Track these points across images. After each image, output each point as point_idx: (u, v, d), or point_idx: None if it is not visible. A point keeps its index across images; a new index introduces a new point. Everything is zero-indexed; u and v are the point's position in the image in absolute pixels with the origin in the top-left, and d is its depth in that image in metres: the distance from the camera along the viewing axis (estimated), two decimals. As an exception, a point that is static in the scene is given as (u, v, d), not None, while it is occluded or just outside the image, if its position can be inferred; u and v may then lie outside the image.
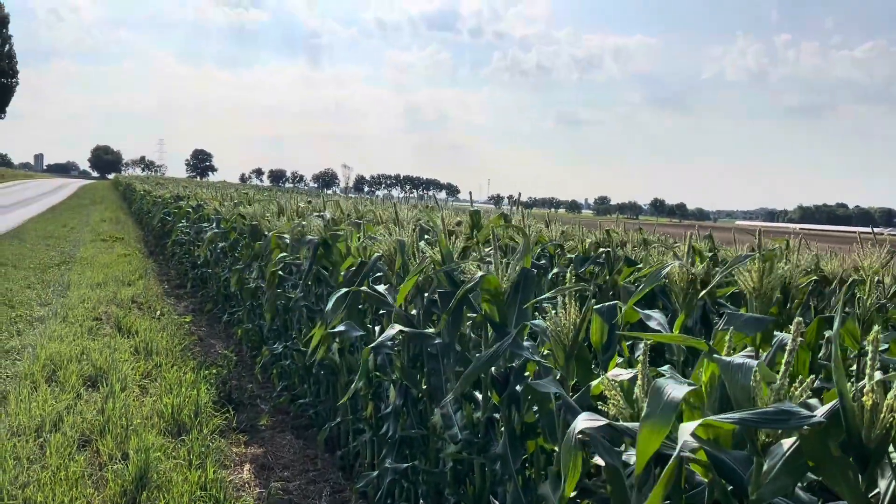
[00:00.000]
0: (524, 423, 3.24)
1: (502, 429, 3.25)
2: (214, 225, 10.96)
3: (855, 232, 4.81)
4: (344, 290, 4.29)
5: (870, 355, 1.69)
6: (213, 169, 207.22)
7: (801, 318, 1.81)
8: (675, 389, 1.86)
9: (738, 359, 1.89)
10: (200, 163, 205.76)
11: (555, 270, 5.95)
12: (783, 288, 3.97)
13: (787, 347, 1.79)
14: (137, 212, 31.24)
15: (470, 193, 5.33)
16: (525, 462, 3.28)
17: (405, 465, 4.08)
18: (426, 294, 4.13)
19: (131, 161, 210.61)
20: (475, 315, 3.40)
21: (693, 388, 1.90)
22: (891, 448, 1.74)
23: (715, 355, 1.99)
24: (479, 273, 3.12)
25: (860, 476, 1.68)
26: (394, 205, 4.83)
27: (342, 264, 5.14)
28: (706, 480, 2.14)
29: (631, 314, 3.57)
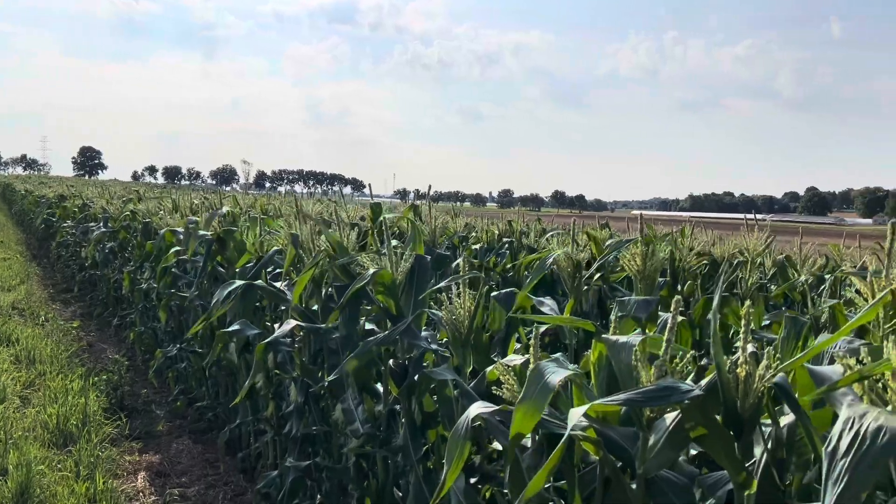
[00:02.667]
0: (424, 414, 3.23)
1: (403, 420, 3.23)
2: (102, 224, 10.41)
3: (742, 218, 5.09)
4: (237, 283, 4.15)
5: (743, 329, 1.77)
6: (102, 167, 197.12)
7: (679, 297, 1.87)
8: (554, 374, 1.89)
9: (622, 338, 1.94)
10: (89, 161, 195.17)
11: (459, 261, 5.99)
12: (674, 270, 4.14)
13: (668, 325, 1.85)
14: (18, 213, 29.31)
15: (369, 185, 5.28)
16: (427, 452, 3.27)
17: (306, 462, 4.00)
18: (324, 289, 4.06)
19: (11, 160, 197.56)
20: (373, 307, 3.36)
21: (574, 372, 1.93)
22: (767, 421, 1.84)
23: (603, 337, 2.03)
24: (372, 269, 3.09)
25: (736, 444, 1.76)
26: (295, 199, 4.71)
27: (238, 261, 4.98)
28: (598, 458, 2.20)
29: (525, 301, 3.63)
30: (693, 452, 2.72)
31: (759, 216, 4.93)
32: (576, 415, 1.79)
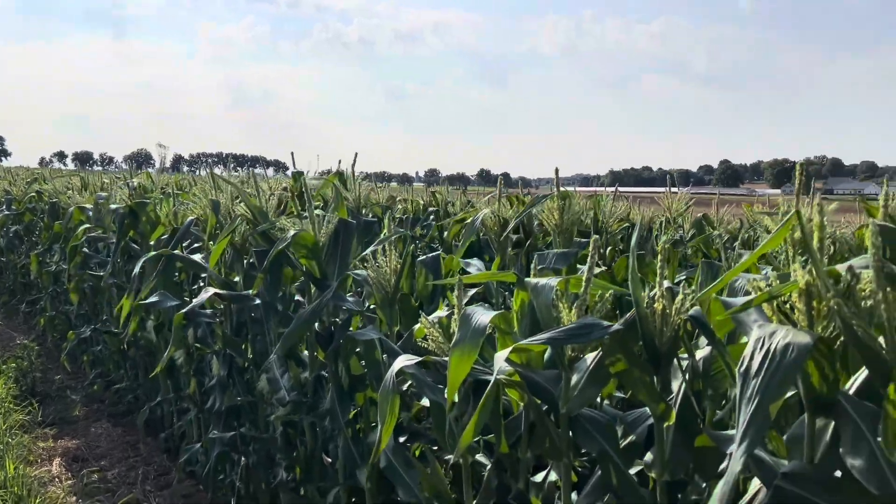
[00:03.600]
0: (352, 377, 3.19)
1: (330, 385, 3.19)
2: (5, 207, 9.84)
3: (660, 192, 5.25)
4: (154, 253, 3.99)
5: (659, 264, 1.80)
6: (6, 154, 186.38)
7: (597, 238, 1.90)
8: (483, 316, 1.90)
9: (542, 280, 1.95)
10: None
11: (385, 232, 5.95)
12: (597, 230, 4.21)
13: (587, 264, 1.87)
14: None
15: (292, 154, 5.16)
16: (356, 416, 3.24)
17: (231, 433, 3.91)
18: (246, 260, 3.95)
19: None
20: (296, 272, 3.28)
21: (500, 312, 1.94)
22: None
23: (525, 281, 2.04)
24: (293, 230, 3.01)
25: (655, 378, 1.80)
26: (210, 171, 4.54)
27: (152, 234, 4.79)
28: (522, 405, 2.21)
29: (453, 265, 3.63)
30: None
31: (673, 189, 5.12)
32: (501, 357, 1.79)
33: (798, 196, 1.92)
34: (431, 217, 6.72)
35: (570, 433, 1.96)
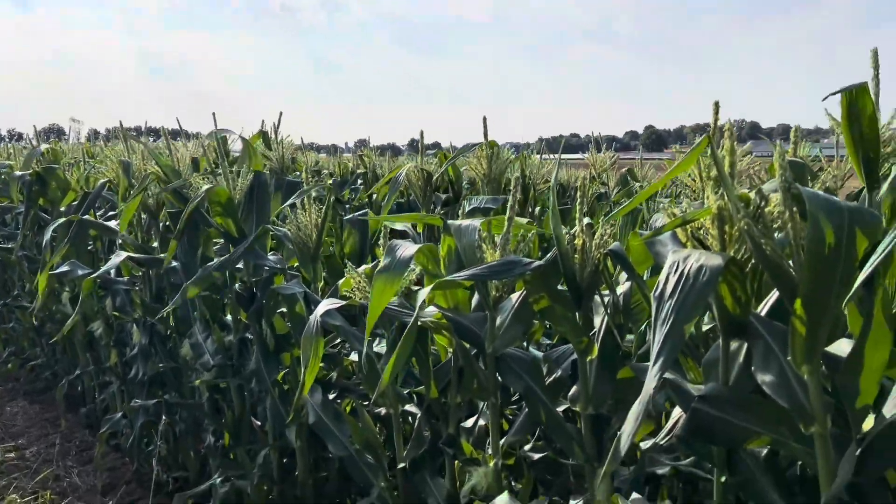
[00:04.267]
0: (277, 337, 3.13)
1: (255, 346, 3.12)
2: None
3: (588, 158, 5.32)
4: (64, 219, 3.79)
5: (578, 202, 1.81)
6: None
7: (518, 175, 1.89)
8: (409, 248, 1.88)
9: (465, 222, 1.94)
10: None
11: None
12: (525, 186, 4.23)
13: (508, 203, 1.86)
14: None
15: (213, 115, 4.96)
16: (284, 377, 3.19)
17: (154, 400, 3.79)
18: (162, 222, 3.81)
19: None
20: (211, 231, 3.17)
21: (426, 244, 1.92)
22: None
23: (448, 223, 2.02)
24: (205, 186, 2.90)
25: (577, 313, 1.82)
26: (123, 135, 4.33)
27: (62, 200, 4.55)
28: (451, 351, 2.21)
29: (379, 224, 3.58)
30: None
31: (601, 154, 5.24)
32: (424, 293, 1.78)
33: (714, 129, 1.96)
34: (360, 182, 6.63)
35: (497, 373, 1.97)
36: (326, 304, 2.08)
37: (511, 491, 1.93)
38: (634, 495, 1.56)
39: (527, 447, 2.46)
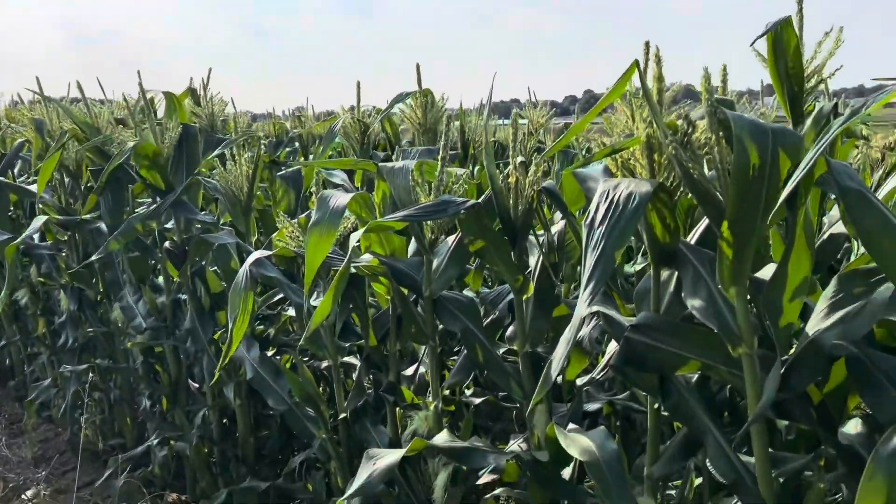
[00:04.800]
0: (212, 296, 3.06)
1: (189, 305, 3.04)
2: None
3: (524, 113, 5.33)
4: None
5: (511, 143, 1.80)
6: None
7: (457, 125, 1.86)
8: (342, 197, 1.84)
9: (398, 163, 1.91)
10: None
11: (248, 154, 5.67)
12: (464, 143, 4.20)
13: (440, 145, 1.83)
14: None
15: (138, 72, 4.74)
16: (221, 337, 3.12)
17: (85, 365, 3.68)
18: (84, 183, 3.65)
19: None
20: (136, 185, 3.06)
21: (358, 192, 1.88)
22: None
23: (380, 165, 1.98)
24: (131, 141, 2.79)
25: (512, 252, 1.82)
26: (39, 91, 4.09)
27: (-24, 164, 4.31)
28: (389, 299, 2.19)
29: (313, 174, 3.51)
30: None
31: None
32: (356, 237, 1.74)
33: (646, 62, 1.96)
34: (297, 143, 6.48)
35: (435, 316, 1.96)
36: (257, 254, 2.03)
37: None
38: (571, 425, 1.59)
39: (468, 392, 2.48)
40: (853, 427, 1.48)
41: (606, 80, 1.51)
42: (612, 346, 1.65)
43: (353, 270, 1.99)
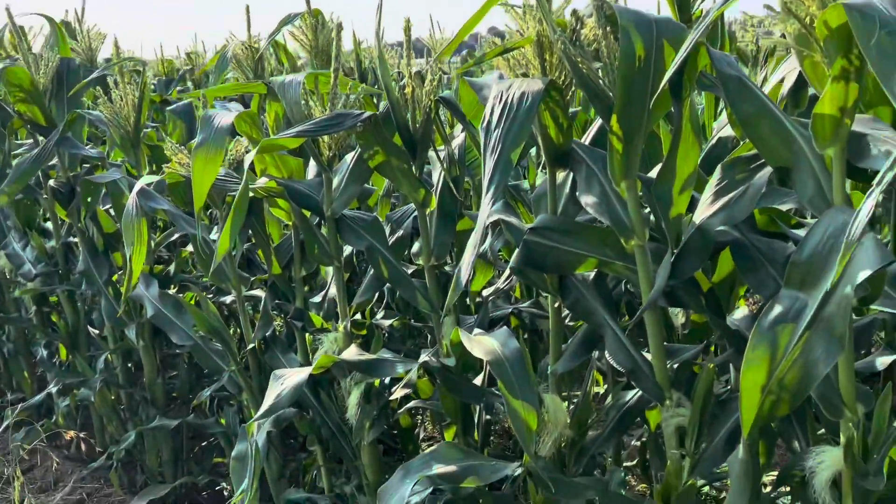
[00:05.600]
0: (105, 236, 2.92)
1: (81, 246, 2.89)
2: None
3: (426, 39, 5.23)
4: None
5: (405, 49, 1.76)
6: None
7: (357, 44, 1.80)
8: (225, 116, 1.77)
9: (288, 77, 1.84)
10: None
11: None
12: (361, 77, 4.09)
13: (332, 55, 1.77)
14: None
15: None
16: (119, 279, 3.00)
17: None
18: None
19: None
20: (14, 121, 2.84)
21: (244, 111, 1.81)
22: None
23: (271, 81, 1.91)
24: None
25: (413, 166, 1.80)
26: None
27: None
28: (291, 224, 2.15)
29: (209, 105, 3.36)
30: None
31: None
32: (249, 158, 1.68)
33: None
34: (189, 83, 6.17)
35: (338, 236, 1.94)
36: (144, 180, 1.93)
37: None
38: (477, 330, 1.61)
39: (378, 315, 2.49)
40: (740, 314, 1.57)
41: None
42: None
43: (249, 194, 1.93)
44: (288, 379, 1.63)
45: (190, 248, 2.72)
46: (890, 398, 1.15)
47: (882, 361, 1.59)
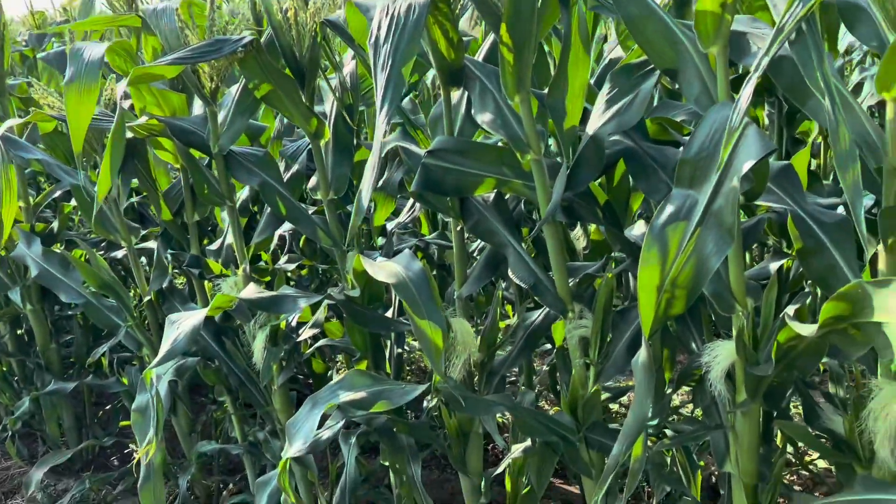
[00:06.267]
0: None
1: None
2: None
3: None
4: None
5: (287, -29, 1.66)
6: None
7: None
8: (96, 48, 1.64)
9: (160, 4, 1.71)
10: None
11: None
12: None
13: (208, -22, 1.66)
14: None
15: None
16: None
17: None
18: None
19: None
20: None
21: (119, 41, 1.68)
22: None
23: (143, 10, 1.77)
24: None
25: (302, 95, 1.72)
26: None
27: None
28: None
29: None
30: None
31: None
32: (121, 87, 1.57)
33: None
34: (67, 37, 5.74)
35: (229, 173, 1.84)
36: (5, 125, 1.78)
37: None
38: (380, 258, 1.57)
39: (282, 260, 2.41)
40: (639, 230, 1.59)
41: None
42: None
43: (129, 135, 1.80)
44: (184, 322, 1.55)
45: (74, 202, 2.55)
46: (776, 287, 1.19)
47: (773, 266, 1.67)
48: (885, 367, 1.12)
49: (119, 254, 2.54)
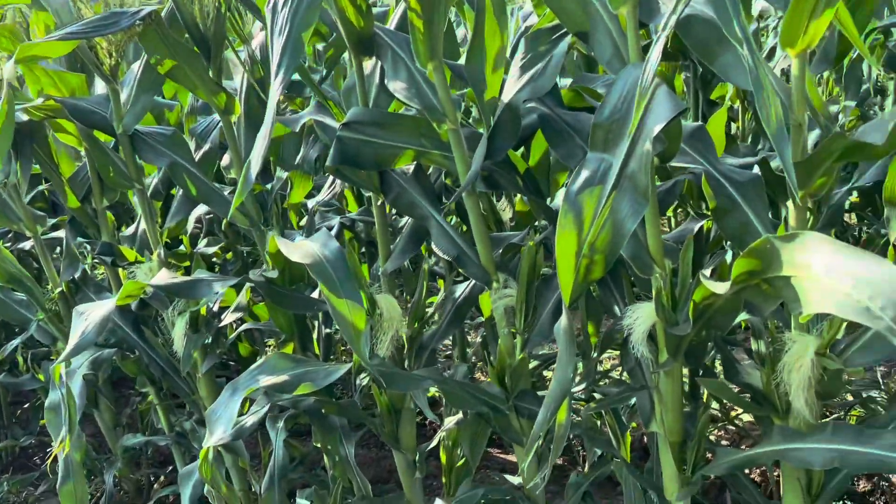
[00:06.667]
0: None
1: None
2: None
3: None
4: None
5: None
6: None
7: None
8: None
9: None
10: None
11: None
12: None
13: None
14: None
15: None
16: None
17: None
18: None
19: None
20: None
21: (5, 24, 1.57)
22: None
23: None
24: None
25: (209, 69, 1.64)
26: None
27: None
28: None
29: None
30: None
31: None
32: (7, 70, 1.46)
33: None
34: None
35: (136, 154, 1.75)
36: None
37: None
38: (299, 238, 1.53)
39: (202, 244, 2.33)
40: (560, 197, 1.58)
41: None
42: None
43: (23, 117, 1.69)
44: (92, 314, 1.47)
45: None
46: (692, 247, 1.20)
47: (694, 228, 1.69)
48: (797, 321, 1.15)
49: (27, 245, 2.41)
